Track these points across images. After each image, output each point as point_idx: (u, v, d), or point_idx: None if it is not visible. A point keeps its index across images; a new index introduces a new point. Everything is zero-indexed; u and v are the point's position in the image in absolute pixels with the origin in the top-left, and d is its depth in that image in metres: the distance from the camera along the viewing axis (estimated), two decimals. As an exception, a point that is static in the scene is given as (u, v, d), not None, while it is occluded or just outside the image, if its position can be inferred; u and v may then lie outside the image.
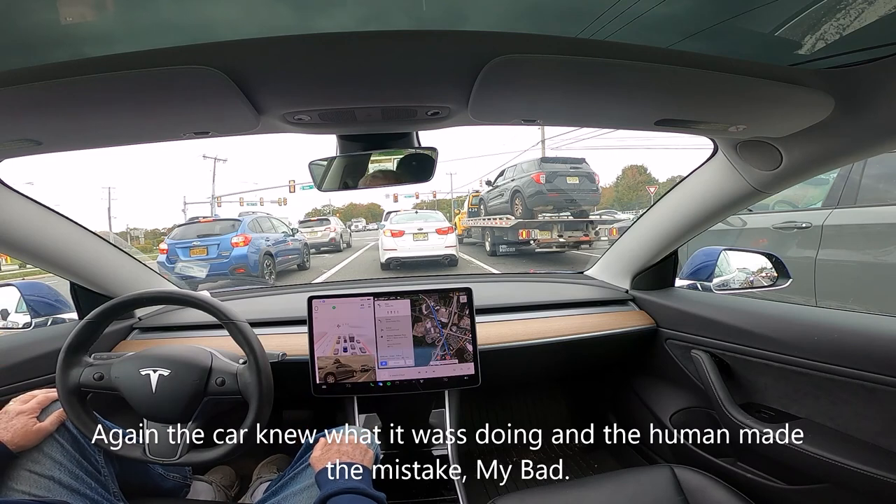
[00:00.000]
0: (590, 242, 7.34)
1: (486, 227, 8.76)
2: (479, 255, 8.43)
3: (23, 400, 0.83)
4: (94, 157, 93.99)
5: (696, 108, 0.66)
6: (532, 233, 7.17)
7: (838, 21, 0.48)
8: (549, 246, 7.20)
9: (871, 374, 0.77)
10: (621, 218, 9.46)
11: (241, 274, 6.24)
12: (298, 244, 8.30)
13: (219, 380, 0.84)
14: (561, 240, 7.12)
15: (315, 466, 0.76)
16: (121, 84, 0.50)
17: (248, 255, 6.33)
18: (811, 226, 2.77)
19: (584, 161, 7.94)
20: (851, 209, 2.59)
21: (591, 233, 7.30)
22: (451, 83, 0.57)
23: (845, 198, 2.63)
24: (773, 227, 3.01)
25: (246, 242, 6.36)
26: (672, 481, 0.87)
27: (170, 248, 6.36)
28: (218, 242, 6.29)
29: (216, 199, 22.51)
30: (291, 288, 1.57)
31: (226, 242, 6.26)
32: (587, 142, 34.88)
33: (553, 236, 7.12)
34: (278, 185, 45.82)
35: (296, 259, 8.10)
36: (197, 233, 6.62)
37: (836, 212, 2.66)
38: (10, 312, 1.13)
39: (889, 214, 2.41)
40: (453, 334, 1.07)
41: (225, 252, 6.23)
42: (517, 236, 7.31)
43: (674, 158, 64.61)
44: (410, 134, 0.78)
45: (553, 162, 7.97)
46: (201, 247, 6.29)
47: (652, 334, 1.27)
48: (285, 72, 0.54)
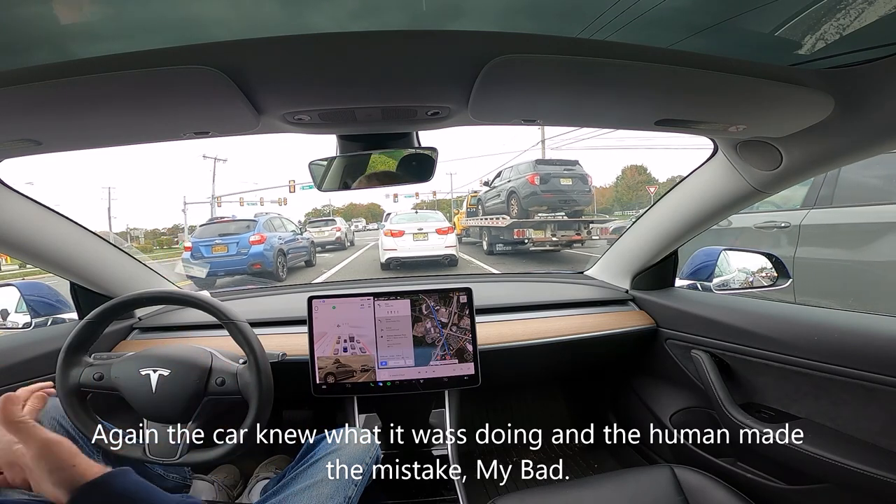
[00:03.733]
0: (582, 241, 7.64)
1: (483, 227, 9.03)
2: (477, 255, 8.61)
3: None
4: (94, 157, 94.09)
5: (695, 108, 0.66)
6: (527, 232, 7.40)
7: (838, 21, 0.48)
8: (544, 245, 7.46)
9: (871, 374, 0.77)
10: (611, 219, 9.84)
11: (257, 269, 6.77)
12: (306, 242, 8.85)
13: (219, 380, 0.84)
14: (554, 239, 7.38)
15: None
16: (121, 84, 0.50)
17: (264, 253, 6.90)
18: (790, 225, 2.89)
19: (577, 163, 8.15)
20: (827, 210, 2.73)
21: (584, 232, 7.58)
22: (451, 83, 0.57)
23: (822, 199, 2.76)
24: (755, 227, 3.12)
25: (262, 241, 6.93)
26: (672, 481, 0.87)
27: (194, 246, 7.02)
28: (237, 241, 6.87)
29: (216, 199, 22.51)
30: (291, 288, 1.57)
31: (244, 241, 6.84)
32: (587, 142, 34.85)
33: (547, 235, 7.36)
34: (278, 185, 45.87)
35: (304, 256, 8.61)
36: (218, 232, 7.19)
37: (813, 212, 2.80)
38: (10, 312, 1.13)
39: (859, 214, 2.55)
40: (453, 334, 1.07)
41: (244, 250, 6.80)
42: (513, 235, 7.54)
43: (674, 158, 64.60)
44: (410, 134, 0.78)
45: (547, 164, 8.18)
46: (222, 244, 6.89)
47: (652, 334, 1.27)
48: (285, 72, 0.54)
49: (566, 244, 7.59)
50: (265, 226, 7.36)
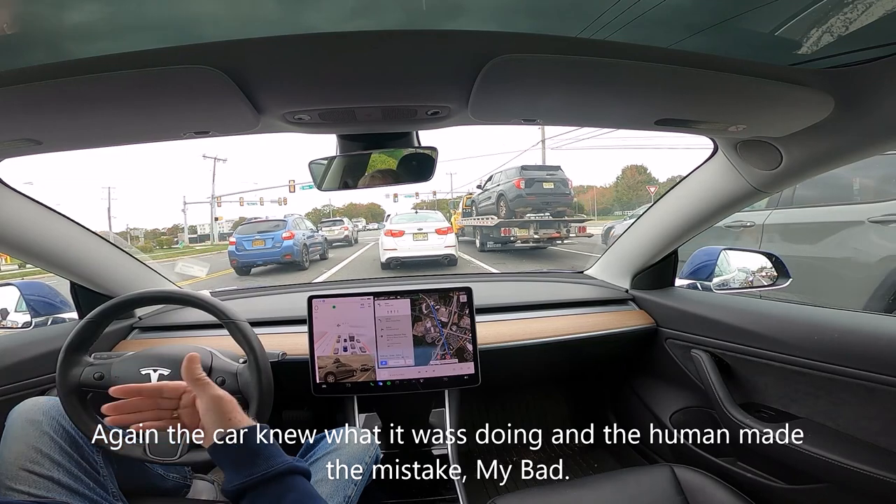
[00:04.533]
0: (561, 239, 8.49)
1: (476, 226, 9.87)
2: (472, 252, 9.26)
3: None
4: (93, 157, 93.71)
5: (696, 107, 0.66)
6: (512, 231, 8.22)
7: (838, 21, 0.48)
8: (527, 241, 8.23)
9: (871, 374, 0.77)
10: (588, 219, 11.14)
11: (288, 259, 8.49)
12: (321, 239, 10.64)
13: (219, 379, 0.84)
14: (536, 236, 8.21)
15: None
16: (121, 84, 0.50)
17: (294, 246, 8.59)
18: (755, 224, 3.14)
19: (559, 168, 9.23)
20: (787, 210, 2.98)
21: (563, 230, 8.44)
22: (452, 83, 0.57)
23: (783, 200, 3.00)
24: (724, 226, 3.27)
25: (292, 237, 8.64)
26: (672, 481, 0.87)
27: (237, 241, 8.72)
28: (272, 237, 8.51)
29: (216, 199, 22.48)
30: (291, 288, 1.57)
31: (278, 237, 8.51)
32: (587, 141, 34.88)
33: (529, 233, 8.17)
34: (278, 184, 45.87)
35: (320, 250, 10.08)
36: (255, 230, 8.84)
37: (775, 212, 3.04)
38: (9, 311, 1.13)
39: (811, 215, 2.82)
40: (453, 334, 1.07)
41: (278, 244, 8.46)
42: (500, 234, 8.37)
43: (674, 158, 64.51)
44: (410, 133, 0.78)
45: (532, 169, 9.19)
46: (260, 239, 8.53)
47: (652, 334, 1.27)
48: (285, 72, 0.54)
49: (547, 241, 8.41)
50: (293, 224, 8.95)
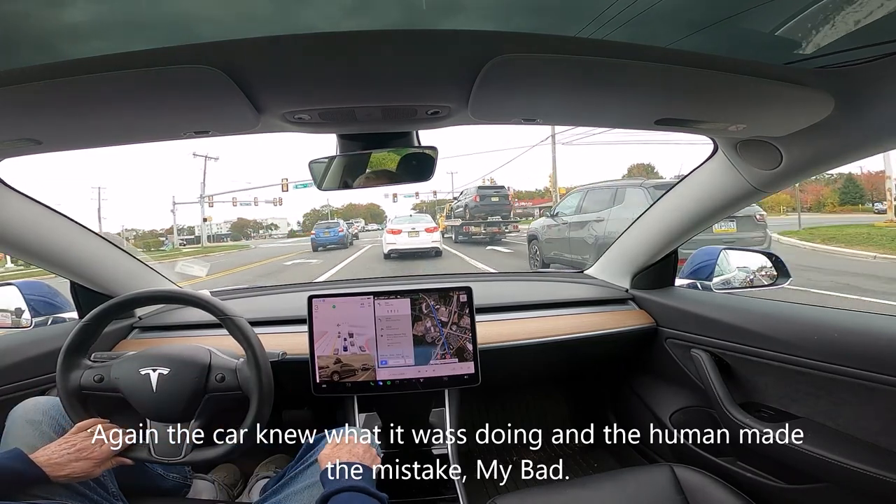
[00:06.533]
0: (501, 234, 12.85)
1: (451, 226, 14.89)
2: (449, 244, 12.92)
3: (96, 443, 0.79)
4: (82, 156, 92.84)
5: (695, 107, 0.66)
6: (469, 228, 12.93)
7: (838, 20, 0.48)
8: (479, 235, 12.72)
9: (872, 373, 0.77)
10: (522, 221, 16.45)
11: (342, 242, 14.78)
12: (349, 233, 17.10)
13: (218, 376, 0.84)
14: (483, 231, 12.69)
15: (321, 464, 0.77)
16: (121, 83, 0.50)
17: (344, 235, 15.24)
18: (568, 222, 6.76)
19: (503, 187, 14.69)
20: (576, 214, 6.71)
21: (502, 227, 12.98)
22: (451, 82, 0.57)
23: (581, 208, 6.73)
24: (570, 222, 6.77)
25: (342, 230, 15.43)
26: (672, 481, 0.87)
27: (316, 233, 15.22)
28: (334, 230, 15.19)
29: (207, 198, 22.27)
30: (291, 287, 1.57)
31: (335, 230, 15.23)
32: (594, 138, 34.72)
33: (480, 229, 12.76)
34: (271, 183, 45.65)
35: (349, 238, 16.31)
36: (325, 226, 15.71)
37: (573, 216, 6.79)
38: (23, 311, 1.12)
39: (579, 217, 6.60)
40: (453, 333, 1.07)
41: (336, 234, 14.96)
42: (463, 230, 13.17)
43: (680, 156, 64.37)
44: (410, 133, 0.78)
45: (484, 188, 14.24)
46: (328, 231, 15.15)
47: (652, 333, 1.27)
48: (285, 71, 0.54)
49: (492, 235, 12.67)
50: (343, 224, 17.06)
